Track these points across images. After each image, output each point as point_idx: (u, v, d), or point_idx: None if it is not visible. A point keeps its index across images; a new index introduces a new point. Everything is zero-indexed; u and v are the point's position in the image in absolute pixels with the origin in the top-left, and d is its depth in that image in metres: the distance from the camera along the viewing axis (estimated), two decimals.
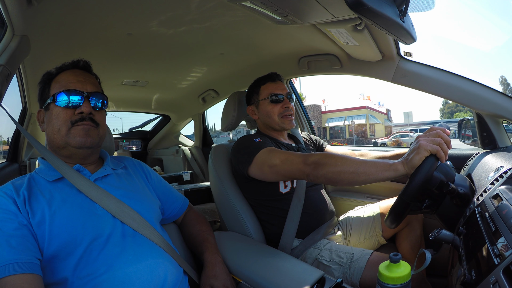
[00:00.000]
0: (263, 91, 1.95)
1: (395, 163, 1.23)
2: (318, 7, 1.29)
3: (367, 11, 1.05)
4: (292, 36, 1.99)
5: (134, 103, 3.95)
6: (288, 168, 1.50)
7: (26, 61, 2.03)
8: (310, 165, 1.40)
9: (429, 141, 1.17)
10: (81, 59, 1.35)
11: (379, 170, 1.25)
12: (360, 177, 1.28)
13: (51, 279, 1.06)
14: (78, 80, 1.26)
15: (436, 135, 1.19)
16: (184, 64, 2.61)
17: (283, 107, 1.91)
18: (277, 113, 1.91)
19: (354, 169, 1.28)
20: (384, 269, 0.97)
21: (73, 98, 1.22)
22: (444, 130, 1.21)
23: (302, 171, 1.44)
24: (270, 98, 1.91)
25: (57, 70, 1.32)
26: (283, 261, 1.43)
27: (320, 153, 1.45)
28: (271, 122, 1.94)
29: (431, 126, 1.27)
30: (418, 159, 1.15)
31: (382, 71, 1.99)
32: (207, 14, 1.70)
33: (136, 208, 1.24)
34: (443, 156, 1.15)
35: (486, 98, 1.72)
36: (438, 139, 1.16)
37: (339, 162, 1.33)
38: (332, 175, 1.34)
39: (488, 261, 0.81)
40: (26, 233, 1.04)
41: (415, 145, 1.19)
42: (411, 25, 1.36)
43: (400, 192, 1.21)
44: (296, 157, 1.48)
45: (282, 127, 1.93)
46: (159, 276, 1.13)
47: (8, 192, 1.10)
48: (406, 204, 1.20)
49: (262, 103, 1.95)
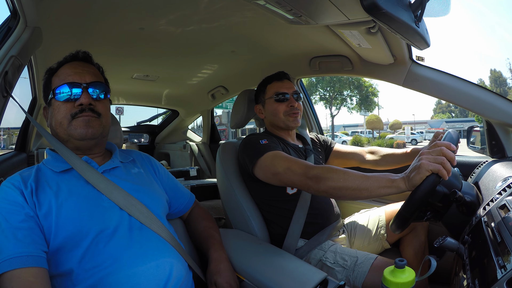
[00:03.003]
0: (269, 90, 1.95)
1: (397, 180, 1.20)
2: (332, 8, 1.28)
3: (383, 15, 1.05)
4: (304, 36, 1.99)
5: (143, 97, 3.97)
6: (290, 178, 1.49)
7: (37, 53, 2.04)
8: (312, 179, 1.39)
9: (431, 160, 1.13)
10: (80, 50, 1.33)
11: (381, 186, 1.23)
12: (362, 194, 1.27)
13: (57, 270, 1.06)
14: (75, 72, 1.25)
15: (439, 153, 1.15)
16: (195, 60, 2.62)
17: (288, 106, 1.90)
18: (282, 111, 1.90)
19: (356, 185, 1.27)
20: (389, 274, 0.96)
21: (71, 91, 1.21)
22: (449, 146, 1.16)
23: (303, 183, 1.43)
24: (276, 97, 1.90)
25: (57, 65, 1.31)
26: (287, 261, 1.43)
27: (322, 167, 1.43)
28: (276, 120, 1.93)
29: (435, 142, 1.22)
30: (419, 179, 1.13)
31: (393, 75, 1.98)
32: (215, 14, 1.72)
33: (144, 202, 1.24)
34: (445, 175, 1.11)
35: (496, 106, 1.71)
36: (441, 158, 1.12)
37: (341, 178, 1.31)
38: (333, 191, 1.34)
39: (492, 272, 0.81)
40: (33, 225, 1.04)
41: (417, 163, 1.16)
42: (426, 30, 1.35)
43: (401, 207, 1.21)
44: (298, 168, 1.47)
45: (287, 125, 1.92)
46: (164, 270, 1.13)
47: (15, 184, 1.11)
48: (406, 219, 1.20)
49: (268, 102, 1.94)
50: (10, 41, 1.43)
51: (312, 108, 3.02)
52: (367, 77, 2.17)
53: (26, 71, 2.43)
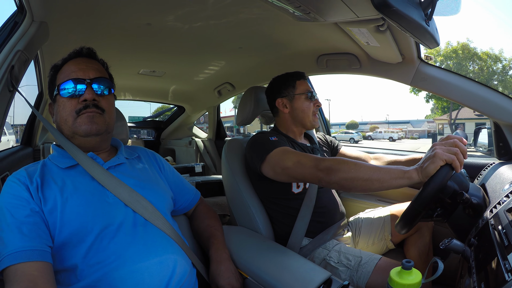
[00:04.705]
0: (299, 85, 1.93)
1: (410, 171, 1.21)
2: (341, 5, 1.27)
3: (393, 12, 1.03)
4: (312, 34, 1.98)
5: (150, 92, 3.98)
6: (301, 171, 1.48)
7: (44, 48, 2.05)
8: (323, 171, 1.38)
9: (445, 150, 1.15)
10: (84, 47, 1.33)
11: (393, 178, 1.23)
12: (374, 185, 1.26)
13: (61, 265, 1.07)
14: (79, 68, 1.25)
15: (452, 144, 1.17)
16: (202, 57, 2.62)
17: (315, 106, 1.92)
18: (312, 110, 1.91)
19: (368, 176, 1.27)
20: (396, 275, 0.96)
21: (75, 87, 1.21)
22: (461, 140, 1.19)
23: (314, 176, 1.42)
24: (308, 94, 1.90)
25: (62, 61, 1.31)
26: (291, 259, 1.43)
27: (333, 158, 1.42)
28: (304, 118, 1.92)
29: (447, 135, 1.25)
30: (433, 168, 1.14)
31: (401, 74, 1.96)
32: (223, 11, 1.71)
33: (149, 198, 1.24)
34: (458, 166, 1.13)
35: (504, 107, 1.69)
36: (455, 149, 1.15)
37: (352, 169, 1.31)
38: (345, 182, 1.33)
39: (499, 276, 0.80)
40: (38, 220, 1.05)
41: (431, 153, 1.18)
42: (435, 29, 1.34)
43: (413, 200, 1.20)
44: (308, 161, 1.46)
45: (312, 125, 1.93)
46: (168, 267, 1.13)
47: (21, 179, 1.11)
48: (418, 212, 1.19)
49: (298, 98, 1.92)
50: (16, 36, 1.43)
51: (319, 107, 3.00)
52: (374, 76, 2.15)
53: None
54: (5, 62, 1.36)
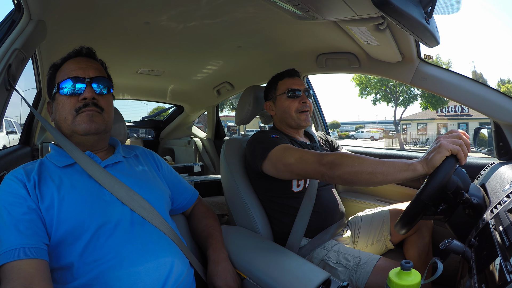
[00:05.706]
0: (280, 86, 1.92)
1: (414, 163, 1.21)
2: (341, 3, 1.26)
3: (393, 10, 1.03)
4: (312, 33, 1.97)
5: (148, 92, 3.98)
6: (303, 167, 1.47)
7: (42, 46, 2.04)
8: (326, 165, 1.37)
9: (450, 142, 1.16)
10: (84, 46, 1.34)
11: (397, 170, 1.23)
12: (378, 178, 1.26)
13: (57, 263, 1.07)
14: (79, 67, 1.26)
15: (457, 137, 1.18)
16: (201, 56, 2.61)
17: (301, 103, 1.88)
18: (294, 109, 1.88)
19: (372, 169, 1.26)
20: (395, 276, 0.95)
21: (75, 85, 1.22)
22: (464, 133, 1.21)
23: (317, 171, 1.41)
24: (288, 93, 1.88)
25: (61, 60, 1.32)
26: (290, 259, 1.42)
27: (335, 153, 1.42)
28: (287, 118, 1.91)
29: (451, 129, 1.26)
30: (439, 158, 1.15)
31: (401, 73, 1.96)
32: (217, 10, 1.71)
33: (146, 197, 1.24)
34: (463, 157, 1.14)
35: (504, 107, 1.68)
36: (459, 140, 1.16)
37: (355, 162, 1.30)
38: (348, 176, 1.32)
39: (500, 277, 0.79)
40: (35, 218, 1.06)
41: (436, 144, 1.19)
42: (436, 27, 1.33)
43: (417, 193, 1.19)
44: (311, 156, 1.46)
45: (298, 124, 1.90)
46: (165, 266, 1.13)
47: (18, 177, 1.12)
48: (422, 206, 1.18)
49: (279, 99, 1.92)
50: (14, 34, 1.43)
51: (318, 106, 3.00)
52: (374, 75, 2.14)
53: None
54: (2, 60, 1.36)
